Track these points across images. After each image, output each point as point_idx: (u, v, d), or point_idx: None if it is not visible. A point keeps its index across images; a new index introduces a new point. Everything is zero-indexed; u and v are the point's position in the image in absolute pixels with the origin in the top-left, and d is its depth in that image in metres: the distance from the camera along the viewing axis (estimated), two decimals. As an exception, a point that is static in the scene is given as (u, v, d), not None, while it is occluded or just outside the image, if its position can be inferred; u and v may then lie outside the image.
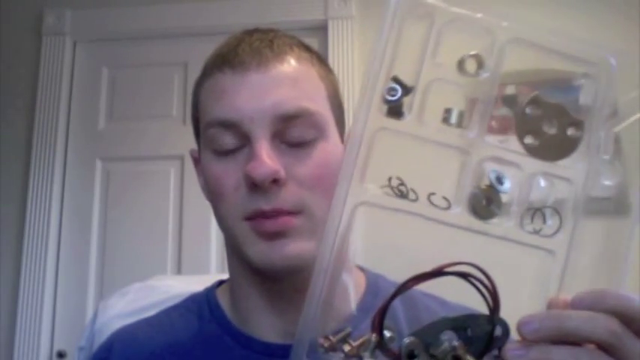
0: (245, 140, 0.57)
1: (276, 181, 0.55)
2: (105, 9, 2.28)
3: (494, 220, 0.42)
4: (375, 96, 0.41)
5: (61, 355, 2.05)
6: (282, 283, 0.61)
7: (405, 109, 0.41)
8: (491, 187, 0.42)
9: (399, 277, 0.43)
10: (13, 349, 2.02)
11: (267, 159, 0.55)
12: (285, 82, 0.58)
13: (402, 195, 0.42)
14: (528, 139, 0.42)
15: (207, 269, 2.05)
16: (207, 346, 0.63)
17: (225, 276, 0.72)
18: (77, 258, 2.14)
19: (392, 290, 0.65)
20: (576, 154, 0.42)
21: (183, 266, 2.09)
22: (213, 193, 0.60)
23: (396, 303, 0.64)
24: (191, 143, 0.67)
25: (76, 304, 2.09)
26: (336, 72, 2.31)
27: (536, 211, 0.42)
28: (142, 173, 2.17)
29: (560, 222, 0.42)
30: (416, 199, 0.42)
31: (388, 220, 0.50)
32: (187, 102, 2.19)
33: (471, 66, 0.42)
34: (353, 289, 0.64)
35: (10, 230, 2.13)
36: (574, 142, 0.42)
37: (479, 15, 0.42)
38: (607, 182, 0.43)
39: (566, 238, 0.42)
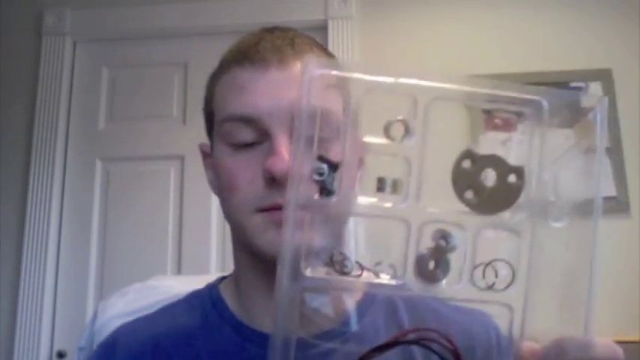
0: (263, 136, 0.58)
1: None
2: (105, 9, 2.28)
3: (445, 282, 0.41)
4: (303, 178, 0.40)
5: (61, 355, 2.05)
6: None
7: (335, 186, 0.41)
8: (437, 247, 0.41)
9: None
10: (13, 349, 2.02)
11: (288, 155, 0.55)
12: None
13: (345, 272, 0.41)
14: (468, 195, 0.41)
15: (207, 269, 2.05)
16: (211, 338, 0.64)
17: (226, 273, 0.72)
18: (77, 258, 2.14)
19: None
20: (521, 202, 0.41)
21: (183, 266, 2.09)
22: (226, 186, 0.61)
23: (401, 310, 0.64)
24: (191, 143, 0.67)
25: (76, 304, 2.09)
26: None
27: (486, 266, 0.41)
28: (142, 173, 2.18)
29: (513, 273, 0.41)
30: (361, 273, 0.41)
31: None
32: (187, 102, 2.19)
33: (397, 131, 0.41)
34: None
35: (10, 230, 2.13)
36: (516, 190, 0.41)
37: (397, 80, 0.41)
38: (556, 224, 0.41)
39: (521, 289, 0.41)
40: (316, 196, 0.41)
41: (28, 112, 2.21)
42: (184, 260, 2.09)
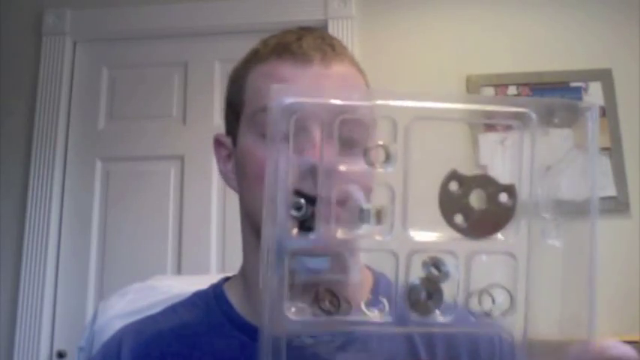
0: (298, 129, 0.58)
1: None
2: (105, 9, 2.28)
3: (438, 313, 0.39)
4: (280, 214, 0.37)
5: (61, 355, 2.05)
6: None
7: (314, 220, 0.38)
8: (428, 277, 0.39)
9: None
10: (13, 349, 2.02)
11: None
12: (346, 80, 0.61)
13: (332, 311, 0.39)
14: (458, 219, 0.38)
15: (207, 269, 2.05)
16: (215, 336, 0.64)
17: (228, 274, 0.72)
18: (77, 258, 2.14)
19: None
20: (514, 221, 0.39)
21: (183, 266, 2.08)
22: (254, 175, 0.60)
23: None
24: (191, 143, 0.67)
25: (76, 304, 2.09)
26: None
27: (481, 293, 0.39)
28: (142, 173, 2.17)
29: (511, 299, 0.39)
30: (349, 309, 0.39)
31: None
32: (187, 102, 2.19)
33: (378, 157, 0.39)
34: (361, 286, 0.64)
35: (10, 230, 2.13)
36: (508, 210, 0.39)
37: (376, 102, 0.39)
38: (552, 242, 0.39)
39: (519, 316, 0.39)
40: (295, 232, 0.38)
41: (28, 112, 2.21)
42: (184, 260, 2.09)
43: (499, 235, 0.39)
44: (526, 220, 0.39)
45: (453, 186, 0.38)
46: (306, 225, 0.38)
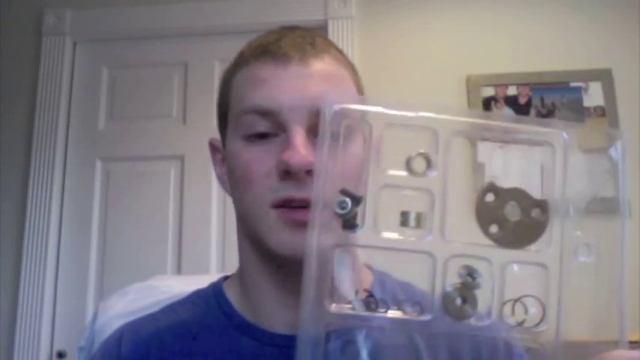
0: (280, 129, 0.59)
1: (309, 172, 0.56)
2: (105, 9, 2.28)
3: (472, 320, 0.40)
4: (325, 212, 0.40)
5: (61, 355, 2.05)
6: (295, 275, 0.61)
7: (359, 219, 0.41)
8: (463, 284, 0.40)
9: None
10: (13, 349, 2.03)
11: (304, 149, 0.56)
12: (325, 78, 0.60)
13: (371, 308, 0.41)
14: (493, 229, 0.40)
15: (207, 269, 2.05)
16: (214, 335, 0.64)
17: (228, 273, 0.72)
18: (77, 258, 2.14)
19: (397, 289, 0.66)
20: (547, 235, 0.40)
21: (183, 266, 2.09)
22: (242, 179, 0.61)
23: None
24: (191, 143, 0.67)
25: (76, 304, 2.10)
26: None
27: (515, 301, 0.40)
28: (142, 173, 2.18)
29: (543, 310, 0.40)
30: (386, 310, 0.41)
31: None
32: (187, 102, 2.19)
33: (418, 165, 0.41)
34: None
35: (10, 230, 2.14)
36: (541, 224, 0.40)
37: (417, 114, 0.41)
38: (583, 259, 0.41)
39: (551, 327, 0.40)
40: (339, 230, 0.40)
41: (28, 112, 2.21)
42: (184, 260, 2.09)
43: (532, 247, 0.40)
44: (558, 234, 0.40)
45: (490, 197, 0.40)
46: (349, 223, 0.40)
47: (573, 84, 2.05)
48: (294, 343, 0.60)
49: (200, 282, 0.73)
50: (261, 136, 0.59)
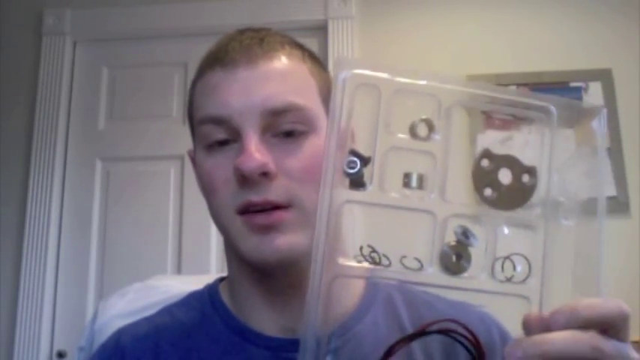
0: (236, 135, 0.59)
1: (265, 174, 0.56)
2: (105, 9, 2.28)
3: (466, 274, 0.43)
4: (336, 171, 0.42)
5: (61, 355, 2.05)
6: (277, 278, 0.62)
7: (366, 179, 0.43)
8: (459, 242, 0.43)
9: None
10: (13, 349, 2.02)
11: (256, 152, 0.56)
12: (274, 77, 0.59)
13: (375, 262, 0.44)
14: (487, 192, 0.44)
15: (207, 269, 2.05)
16: (209, 338, 0.64)
17: (225, 274, 0.72)
18: (77, 258, 2.14)
19: (392, 287, 0.66)
20: (535, 199, 0.44)
21: (183, 266, 2.09)
22: (206, 189, 0.62)
23: (400, 307, 0.64)
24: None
25: (76, 304, 2.09)
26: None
27: (505, 259, 0.44)
28: (142, 173, 2.18)
29: (530, 267, 0.44)
30: (389, 264, 0.44)
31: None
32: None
33: (422, 130, 0.44)
34: (352, 287, 0.64)
35: (10, 230, 2.13)
36: (530, 188, 0.44)
37: (422, 82, 0.44)
38: (565, 222, 0.45)
39: (537, 281, 0.43)
40: (347, 188, 0.43)
41: (28, 111, 2.21)
42: (184, 260, 2.09)
43: (521, 210, 0.44)
44: (544, 199, 0.44)
45: (485, 162, 0.44)
46: (358, 182, 0.43)
47: (573, 84, 2.05)
48: (287, 347, 0.61)
49: (200, 282, 0.73)
50: (222, 144, 0.59)
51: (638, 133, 1.99)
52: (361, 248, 0.44)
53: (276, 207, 0.57)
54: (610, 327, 0.40)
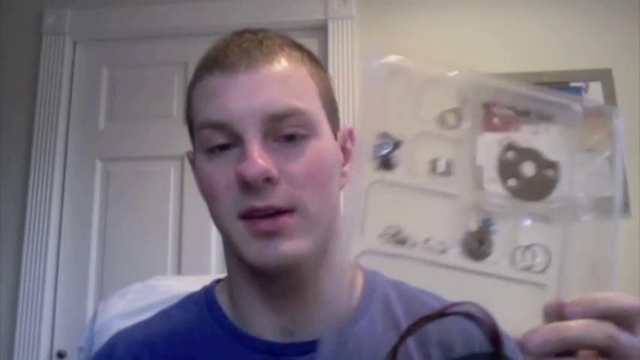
0: (236, 140, 0.58)
1: (268, 180, 0.56)
2: (105, 9, 2.28)
3: (488, 261, 0.45)
4: (367, 152, 0.44)
5: (61, 355, 2.05)
6: (278, 282, 0.61)
7: (395, 162, 0.45)
8: (481, 229, 0.45)
9: None
10: (13, 349, 2.02)
11: (259, 158, 0.56)
12: (275, 81, 0.59)
13: (400, 242, 0.45)
14: (511, 182, 0.46)
15: (207, 269, 2.05)
16: (206, 343, 0.64)
17: (223, 275, 0.72)
18: (77, 258, 2.14)
19: (389, 288, 0.66)
20: (556, 193, 0.46)
21: (183, 266, 2.09)
22: (207, 193, 0.62)
23: (397, 308, 0.64)
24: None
25: (76, 304, 2.09)
26: (335, 72, 2.29)
27: (525, 249, 0.45)
28: (142, 173, 2.18)
29: (549, 257, 0.45)
30: (414, 245, 0.45)
31: (388, 268, 0.56)
32: (187, 102, 2.19)
33: (451, 119, 0.46)
34: (351, 287, 0.64)
35: (10, 230, 2.13)
36: (552, 182, 0.46)
37: (452, 74, 0.46)
38: (584, 217, 0.46)
39: (555, 271, 0.45)
40: (376, 169, 0.44)
41: (28, 112, 2.21)
42: (184, 260, 2.09)
43: (542, 203, 0.46)
44: (564, 194, 0.46)
45: (510, 154, 0.46)
46: (387, 164, 0.44)
47: (573, 84, 2.05)
48: (284, 350, 0.61)
49: (200, 282, 0.73)
50: (222, 148, 0.59)
51: (638, 133, 1.99)
52: (388, 228, 0.45)
53: (280, 212, 0.57)
54: (624, 321, 0.41)
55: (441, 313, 0.44)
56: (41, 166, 2.15)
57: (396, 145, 0.45)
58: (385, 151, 0.44)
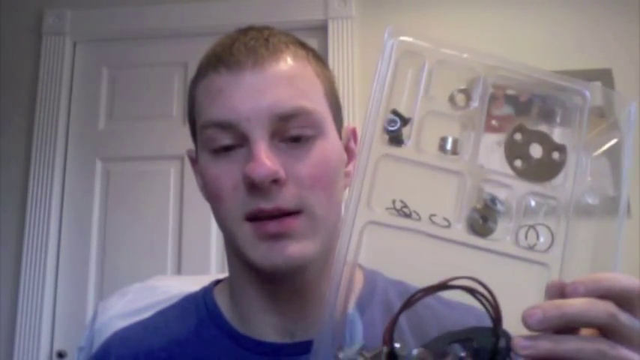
0: (242, 140, 0.57)
1: (276, 181, 0.55)
2: (105, 9, 2.28)
3: (492, 237, 0.45)
4: (377, 127, 0.45)
5: (61, 355, 2.05)
6: (282, 284, 0.61)
7: (404, 138, 0.46)
8: (486, 206, 0.45)
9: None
10: (13, 349, 2.02)
11: (266, 159, 0.55)
12: (282, 81, 0.58)
13: (406, 215, 0.45)
14: (517, 163, 0.46)
15: (207, 269, 2.05)
16: (205, 345, 0.63)
17: (222, 276, 0.71)
18: (77, 258, 2.14)
19: (389, 287, 0.65)
20: (562, 175, 0.47)
21: (183, 266, 2.09)
22: (212, 194, 0.60)
23: (396, 304, 0.64)
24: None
25: (76, 304, 2.09)
26: (335, 72, 2.30)
27: (529, 228, 0.46)
28: (142, 173, 2.18)
29: (552, 237, 0.46)
30: (419, 219, 0.45)
31: (392, 241, 0.54)
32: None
33: (460, 100, 0.46)
34: (351, 286, 0.64)
35: (10, 230, 2.13)
36: (559, 165, 0.46)
37: (465, 55, 0.48)
38: (590, 201, 0.47)
39: (558, 251, 0.46)
40: (386, 145, 0.45)
41: (28, 112, 2.21)
42: (184, 260, 2.09)
43: (548, 184, 0.47)
44: (572, 176, 0.47)
45: (517, 136, 0.46)
46: (396, 140, 0.45)
47: (573, 84, 2.05)
48: (283, 351, 0.60)
49: (200, 282, 0.73)
50: (227, 148, 0.58)
51: (638, 133, 1.99)
52: (394, 202, 0.45)
53: (287, 214, 0.56)
54: (625, 301, 0.41)
55: (442, 286, 0.43)
56: (41, 165, 2.15)
57: (406, 122, 0.46)
58: (394, 128, 0.45)
